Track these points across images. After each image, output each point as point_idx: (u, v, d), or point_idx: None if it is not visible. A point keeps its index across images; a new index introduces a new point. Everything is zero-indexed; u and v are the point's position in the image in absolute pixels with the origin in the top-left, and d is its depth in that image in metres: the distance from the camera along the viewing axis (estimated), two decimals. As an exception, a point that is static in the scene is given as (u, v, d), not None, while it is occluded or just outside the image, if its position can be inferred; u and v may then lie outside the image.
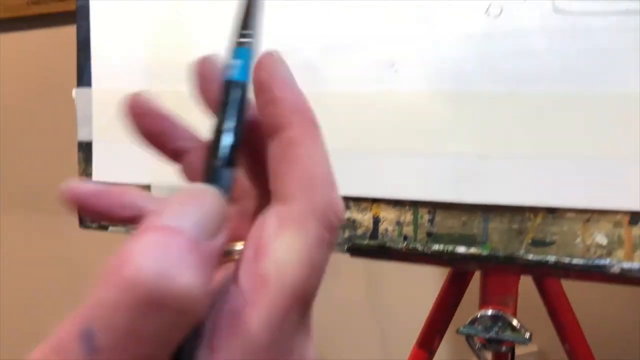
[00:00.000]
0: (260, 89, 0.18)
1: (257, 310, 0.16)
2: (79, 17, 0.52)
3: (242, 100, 0.19)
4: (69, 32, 0.56)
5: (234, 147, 0.18)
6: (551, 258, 0.40)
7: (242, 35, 0.20)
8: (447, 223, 0.43)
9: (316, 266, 0.17)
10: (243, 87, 0.19)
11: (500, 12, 0.40)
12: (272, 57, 0.18)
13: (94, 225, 0.54)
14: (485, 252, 0.41)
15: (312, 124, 0.18)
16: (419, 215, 0.43)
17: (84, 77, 0.53)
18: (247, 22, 0.20)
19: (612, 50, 0.39)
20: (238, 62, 0.19)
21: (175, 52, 0.48)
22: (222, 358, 0.16)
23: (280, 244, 0.17)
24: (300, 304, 0.17)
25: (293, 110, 0.18)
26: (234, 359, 0.16)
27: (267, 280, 0.16)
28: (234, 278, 0.17)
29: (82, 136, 0.53)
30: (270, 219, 0.17)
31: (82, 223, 0.54)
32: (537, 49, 0.40)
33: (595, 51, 0.39)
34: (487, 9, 0.40)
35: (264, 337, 0.16)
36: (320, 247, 0.17)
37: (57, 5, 1.05)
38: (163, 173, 0.50)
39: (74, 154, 0.54)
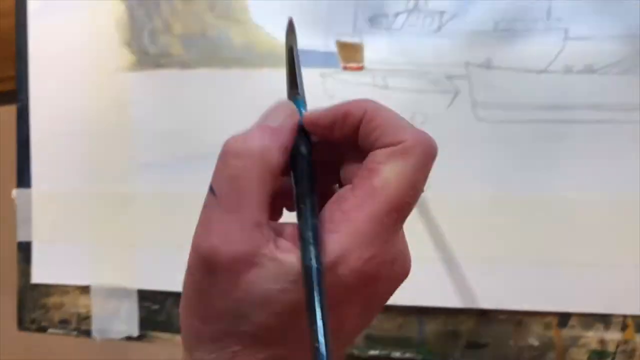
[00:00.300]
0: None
1: (364, 210, 0.22)
2: (18, 118, 0.52)
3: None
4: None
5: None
6: (485, 362, 0.41)
7: (294, 92, 0.28)
8: (384, 326, 0.43)
9: (413, 186, 0.23)
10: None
11: (424, 120, 0.41)
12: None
13: (33, 326, 0.53)
14: (420, 357, 0.42)
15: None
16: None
17: (24, 177, 0.53)
18: (294, 79, 0.29)
19: (530, 155, 0.40)
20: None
21: (115, 153, 0.49)
22: (337, 239, 0.22)
23: (389, 167, 0.23)
24: (397, 212, 0.22)
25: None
26: (346, 241, 0.22)
27: (375, 190, 0.22)
28: (351, 188, 0.23)
29: (22, 237, 0.53)
30: (382, 151, 0.23)
31: (22, 325, 0.53)
32: (460, 155, 0.41)
33: (516, 156, 0.41)
34: (412, 117, 0.42)
35: (367, 229, 0.22)
36: (417, 172, 0.23)
37: None
38: (101, 274, 0.50)
39: (14, 254, 0.54)
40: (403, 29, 0.42)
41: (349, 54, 0.43)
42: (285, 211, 0.27)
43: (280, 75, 0.43)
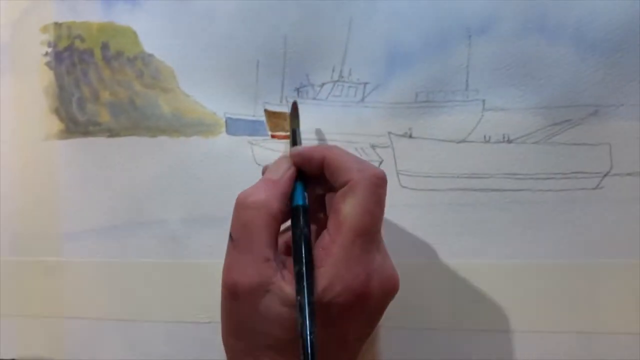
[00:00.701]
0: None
1: (336, 243, 0.28)
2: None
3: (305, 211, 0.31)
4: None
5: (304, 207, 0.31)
6: None
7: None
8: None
9: (367, 213, 0.29)
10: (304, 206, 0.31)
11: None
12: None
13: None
14: None
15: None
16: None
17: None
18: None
19: (452, 222, 0.41)
20: (300, 195, 0.31)
21: (42, 222, 0.48)
22: (323, 272, 0.28)
23: (345, 204, 0.29)
24: (361, 237, 0.28)
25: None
26: (329, 271, 0.28)
27: (340, 225, 0.28)
28: (326, 229, 0.29)
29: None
30: (339, 192, 0.29)
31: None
32: (385, 222, 0.42)
33: (438, 223, 0.41)
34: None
35: (343, 257, 0.28)
36: (367, 202, 0.29)
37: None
38: (28, 346, 0.48)
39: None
40: (328, 99, 0.42)
41: (277, 123, 0.43)
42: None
43: (209, 143, 0.44)
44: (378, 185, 0.30)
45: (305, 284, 0.27)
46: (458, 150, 0.41)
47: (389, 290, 0.30)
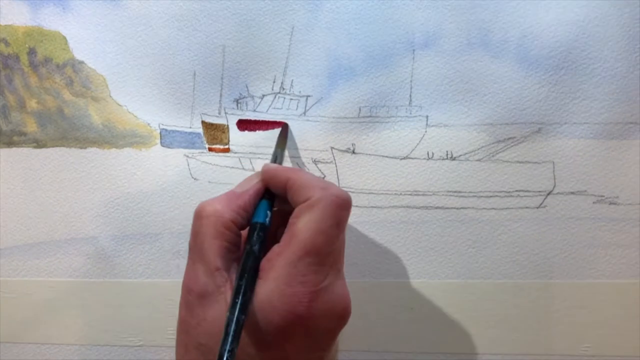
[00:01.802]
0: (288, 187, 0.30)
1: (282, 257, 0.27)
2: None
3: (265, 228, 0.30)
4: None
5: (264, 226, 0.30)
6: None
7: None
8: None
9: (322, 233, 0.28)
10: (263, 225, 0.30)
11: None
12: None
13: None
14: None
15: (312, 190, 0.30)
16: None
17: None
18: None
19: (395, 241, 0.40)
20: (262, 212, 0.31)
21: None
22: (266, 284, 0.27)
23: (300, 220, 0.28)
24: (311, 256, 0.27)
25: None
26: (269, 285, 0.27)
27: (290, 240, 0.28)
28: (279, 242, 0.28)
29: None
30: (297, 208, 0.29)
31: None
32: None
33: (380, 242, 0.40)
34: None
35: (285, 272, 0.27)
36: (324, 221, 0.28)
37: None
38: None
39: None
40: (269, 111, 0.41)
41: (214, 135, 0.42)
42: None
43: (142, 155, 0.41)
44: (340, 206, 0.29)
45: (238, 300, 0.26)
46: (401, 167, 0.40)
47: (337, 315, 0.29)
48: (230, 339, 0.25)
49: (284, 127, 0.40)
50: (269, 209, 0.31)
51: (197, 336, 0.28)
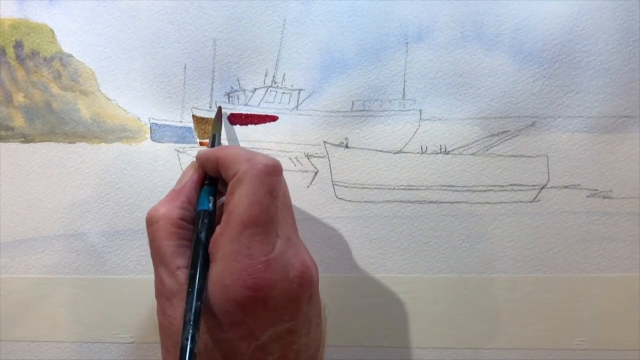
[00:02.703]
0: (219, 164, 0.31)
1: (224, 235, 0.28)
2: None
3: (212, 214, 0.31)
4: None
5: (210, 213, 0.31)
6: None
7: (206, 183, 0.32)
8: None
9: (255, 203, 0.28)
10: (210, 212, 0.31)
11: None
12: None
13: None
14: None
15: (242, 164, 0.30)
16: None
17: None
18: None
19: (389, 235, 0.40)
20: (205, 199, 0.31)
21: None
22: (215, 266, 0.28)
23: (233, 195, 0.28)
24: (250, 227, 0.28)
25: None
26: (218, 266, 0.28)
27: (228, 217, 0.28)
28: (220, 222, 0.29)
29: None
30: (229, 187, 0.29)
31: None
32: (321, 234, 0.40)
33: (374, 236, 0.40)
34: (271, 197, 0.40)
35: (230, 249, 0.27)
36: (254, 192, 0.28)
37: None
38: None
39: None
40: (261, 105, 0.40)
41: (205, 129, 0.41)
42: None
43: (132, 150, 0.41)
44: (268, 173, 0.29)
45: (192, 289, 0.27)
46: (395, 161, 0.40)
47: (299, 279, 0.29)
48: (190, 327, 0.26)
49: (218, 110, 0.39)
50: (210, 194, 0.32)
51: (173, 336, 0.29)
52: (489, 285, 0.39)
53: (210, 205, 0.31)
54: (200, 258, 0.29)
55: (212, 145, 0.36)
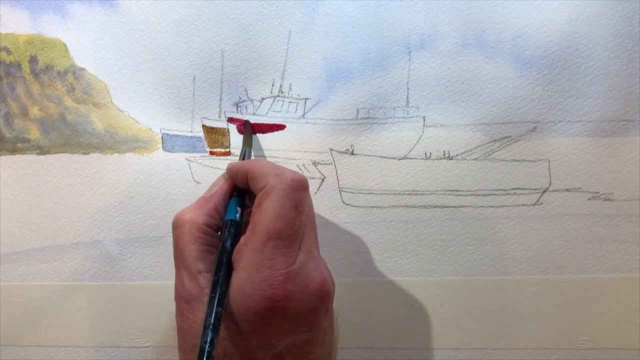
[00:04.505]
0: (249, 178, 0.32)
1: (248, 245, 0.29)
2: None
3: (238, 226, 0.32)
4: None
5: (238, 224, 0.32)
6: None
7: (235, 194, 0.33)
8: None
9: (281, 216, 0.29)
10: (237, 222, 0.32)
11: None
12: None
13: None
14: None
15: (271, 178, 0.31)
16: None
17: None
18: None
19: (395, 239, 0.41)
20: (232, 210, 0.32)
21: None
22: (238, 274, 0.29)
23: (259, 207, 0.29)
24: (274, 239, 0.28)
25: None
26: (240, 274, 0.28)
27: (253, 228, 0.29)
28: (246, 232, 0.29)
29: None
30: (256, 197, 0.30)
31: None
32: (328, 239, 0.41)
33: (380, 241, 0.41)
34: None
35: (253, 260, 0.28)
36: (281, 205, 0.29)
37: None
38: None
39: None
40: (268, 114, 0.41)
41: (215, 139, 0.42)
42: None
43: (144, 160, 0.42)
44: (295, 189, 0.30)
45: (215, 295, 0.28)
46: (399, 167, 0.41)
47: (314, 295, 0.29)
48: (209, 332, 0.27)
49: (247, 124, 0.41)
50: (238, 205, 0.33)
51: (191, 338, 0.29)
52: (493, 287, 0.40)
53: (238, 215, 0.32)
54: (224, 265, 0.29)
55: (243, 158, 0.38)
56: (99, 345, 0.43)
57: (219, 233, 0.32)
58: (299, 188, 0.30)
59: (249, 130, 0.40)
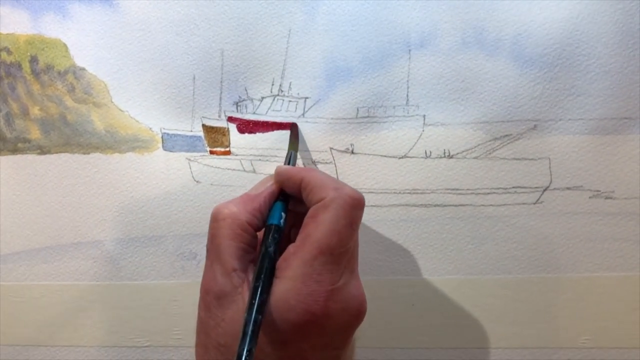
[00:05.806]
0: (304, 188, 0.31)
1: (297, 256, 0.28)
2: None
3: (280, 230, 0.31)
4: None
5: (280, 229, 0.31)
6: None
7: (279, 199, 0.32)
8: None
9: (336, 232, 0.28)
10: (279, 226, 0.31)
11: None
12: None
13: None
14: None
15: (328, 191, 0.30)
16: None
17: None
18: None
19: (396, 238, 0.41)
20: (277, 214, 0.31)
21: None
22: (282, 283, 0.28)
23: (314, 220, 0.28)
24: (325, 255, 0.28)
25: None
26: (285, 284, 0.27)
27: (305, 240, 0.28)
28: (293, 241, 0.29)
29: None
30: (311, 209, 0.29)
31: None
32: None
33: (381, 240, 0.41)
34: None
35: (301, 272, 0.27)
36: (337, 221, 0.28)
37: None
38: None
39: None
40: (268, 113, 0.41)
41: (215, 138, 0.42)
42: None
43: (144, 160, 0.42)
44: (353, 206, 0.29)
45: (255, 301, 0.27)
46: (400, 166, 0.41)
47: (352, 314, 0.29)
48: (248, 339, 0.25)
49: (294, 127, 0.40)
50: (283, 210, 0.32)
51: (217, 337, 0.29)
52: (494, 285, 0.40)
53: (282, 221, 0.31)
54: (267, 271, 0.28)
55: (288, 162, 0.37)
56: (99, 345, 0.43)
57: (256, 234, 0.31)
58: (357, 206, 0.29)
59: (296, 132, 0.40)
